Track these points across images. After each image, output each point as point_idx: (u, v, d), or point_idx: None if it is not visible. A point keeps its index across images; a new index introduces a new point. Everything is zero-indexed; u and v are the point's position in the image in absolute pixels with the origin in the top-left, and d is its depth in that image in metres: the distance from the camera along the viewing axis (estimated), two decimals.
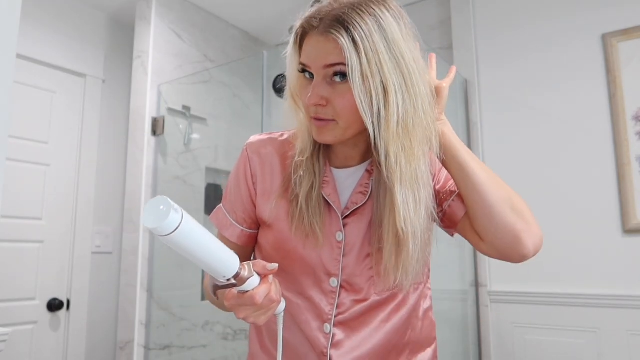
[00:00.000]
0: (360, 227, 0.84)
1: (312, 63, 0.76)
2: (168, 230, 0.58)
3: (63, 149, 2.48)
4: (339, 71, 0.74)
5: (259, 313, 0.69)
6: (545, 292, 2.01)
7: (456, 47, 2.37)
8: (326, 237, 0.83)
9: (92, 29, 2.67)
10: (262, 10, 2.79)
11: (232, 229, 0.92)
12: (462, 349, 2.14)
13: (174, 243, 0.60)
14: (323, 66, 0.75)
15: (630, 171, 1.90)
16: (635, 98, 1.93)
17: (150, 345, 2.30)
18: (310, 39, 0.76)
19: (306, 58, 0.77)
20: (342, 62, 0.73)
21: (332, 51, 0.74)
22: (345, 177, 0.86)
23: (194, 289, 2.50)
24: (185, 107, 2.51)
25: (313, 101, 0.75)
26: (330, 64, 0.74)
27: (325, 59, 0.74)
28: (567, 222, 2.01)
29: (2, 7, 1.12)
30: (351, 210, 0.84)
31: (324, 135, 0.78)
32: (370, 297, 0.84)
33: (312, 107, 0.77)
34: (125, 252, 2.38)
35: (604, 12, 2.04)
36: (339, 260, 0.83)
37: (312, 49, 0.76)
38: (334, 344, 0.83)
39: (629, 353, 1.83)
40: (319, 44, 0.75)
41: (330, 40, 0.74)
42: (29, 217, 2.32)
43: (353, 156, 0.86)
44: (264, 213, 0.89)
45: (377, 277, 0.83)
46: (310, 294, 0.84)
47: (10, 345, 2.14)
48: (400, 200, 0.74)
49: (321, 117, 0.77)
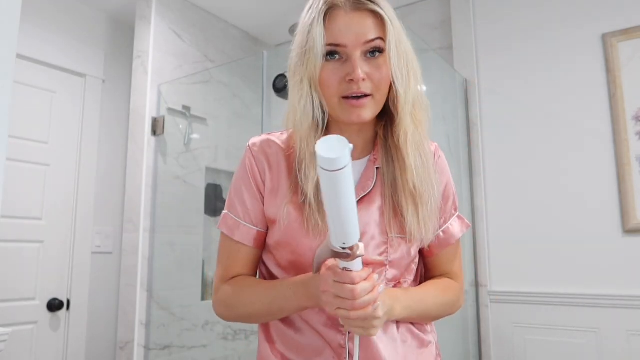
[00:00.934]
0: (370, 214, 0.84)
1: (351, 41, 0.76)
2: (340, 165, 0.56)
3: (63, 149, 2.48)
4: (377, 46, 0.77)
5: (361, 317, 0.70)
6: (545, 292, 2.01)
7: (456, 47, 2.37)
8: None
9: (92, 29, 2.67)
10: (262, 10, 2.79)
11: (246, 230, 0.89)
12: (462, 349, 2.14)
13: (336, 181, 0.58)
14: (364, 42, 0.76)
15: (630, 171, 1.90)
16: (635, 98, 1.93)
17: (150, 345, 2.30)
18: (340, 18, 0.77)
19: (342, 38, 0.76)
20: (380, 37, 0.77)
21: (371, 26, 0.76)
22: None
23: (194, 289, 2.50)
24: (185, 107, 2.51)
25: (362, 76, 0.76)
26: (371, 39, 0.76)
27: (366, 35, 0.76)
28: (567, 222, 2.00)
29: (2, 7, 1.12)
30: (359, 198, 0.84)
31: (364, 112, 0.79)
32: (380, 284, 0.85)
33: (354, 85, 0.77)
34: (125, 252, 2.37)
35: (604, 12, 2.04)
36: None
37: (347, 26, 0.76)
38: (350, 336, 0.81)
39: (629, 353, 1.83)
40: (354, 20, 0.76)
41: (366, 16, 0.76)
42: (29, 217, 2.32)
43: (357, 144, 0.87)
44: (271, 210, 0.87)
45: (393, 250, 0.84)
46: None
47: (10, 345, 2.14)
48: (411, 161, 0.81)
49: (365, 93, 0.78)
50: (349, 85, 0.77)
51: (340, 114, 0.81)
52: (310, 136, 0.81)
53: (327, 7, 0.77)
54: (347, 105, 0.79)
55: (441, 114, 2.26)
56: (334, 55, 0.78)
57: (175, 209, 2.47)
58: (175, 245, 2.44)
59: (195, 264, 2.53)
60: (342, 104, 0.79)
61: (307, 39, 0.78)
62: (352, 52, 0.77)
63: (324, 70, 0.78)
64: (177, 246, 2.45)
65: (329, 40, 0.77)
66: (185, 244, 2.49)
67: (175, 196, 2.46)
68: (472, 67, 2.30)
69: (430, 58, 2.29)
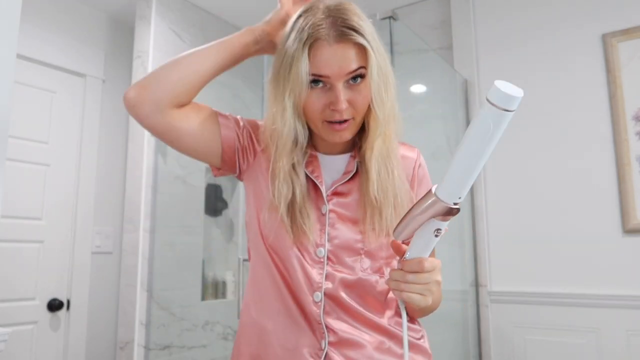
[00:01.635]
0: (347, 203, 0.89)
1: (334, 72, 0.79)
2: (515, 105, 0.55)
3: (63, 149, 2.48)
4: (359, 74, 0.80)
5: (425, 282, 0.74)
6: (545, 292, 2.01)
7: (456, 47, 2.37)
8: (312, 211, 0.88)
9: (92, 29, 2.67)
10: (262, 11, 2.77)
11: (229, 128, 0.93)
12: (462, 349, 2.14)
13: (500, 123, 0.57)
14: (346, 73, 0.79)
15: (630, 171, 1.90)
16: (635, 98, 1.93)
17: (150, 345, 2.30)
18: (325, 49, 0.79)
19: (326, 69, 0.79)
20: (363, 66, 0.80)
21: (353, 57, 0.79)
22: (332, 162, 0.92)
23: (194, 289, 2.50)
24: None
25: (345, 106, 0.80)
26: (354, 70, 0.79)
27: (349, 66, 0.79)
28: (567, 222, 2.01)
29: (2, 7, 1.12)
30: (336, 186, 0.89)
31: (345, 135, 0.85)
32: (356, 273, 0.87)
33: (336, 113, 0.81)
34: (125, 252, 2.37)
35: (604, 12, 2.04)
36: (324, 231, 0.87)
37: (331, 58, 0.79)
38: (326, 311, 0.85)
39: (629, 353, 1.83)
40: (338, 53, 0.79)
41: (350, 47, 0.79)
42: (29, 217, 2.32)
43: (338, 145, 0.92)
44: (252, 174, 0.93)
45: (366, 242, 0.88)
46: (302, 263, 0.87)
47: (10, 345, 2.14)
48: (374, 174, 0.85)
49: (346, 119, 0.82)
50: (332, 112, 0.82)
51: (323, 135, 0.86)
52: (291, 154, 0.86)
53: (312, 40, 0.79)
54: (329, 128, 0.84)
55: (441, 114, 2.27)
56: (318, 82, 0.81)
57: (175, 209, 2.47)
58: (175, 245, 2.44)
59: (195, 264, 2.53)
60: (325, 127, 0.84)
61: (290, 67, 0.80)
62: (335, 83, 0.80)
63: (308, 96, 0.82)
64: (177, 246, 2.45)
65: (313, 71, 0.79)
66: (185, 244, 2.49)
67: (175, 196, 2.46)
68: (472, 67, 2.30)
69: (430, 58, 2.29)
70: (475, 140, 0.60)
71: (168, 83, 0.86)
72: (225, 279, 2.65)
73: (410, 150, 0.97)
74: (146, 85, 0.86)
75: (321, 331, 0.85)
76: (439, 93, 2.30)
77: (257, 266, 0.93)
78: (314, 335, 0.85)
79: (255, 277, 0.93)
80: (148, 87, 0.86)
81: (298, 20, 0.83)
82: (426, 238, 0.70)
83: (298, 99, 0.81)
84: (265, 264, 0.90)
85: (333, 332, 0.84)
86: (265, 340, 0.88)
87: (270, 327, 0.88)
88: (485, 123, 0.58)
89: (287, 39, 0.83)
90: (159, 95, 0.85)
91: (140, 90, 0.86)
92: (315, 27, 0.79)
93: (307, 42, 0.79)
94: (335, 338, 0.84)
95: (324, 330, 0.84)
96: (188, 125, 0.89)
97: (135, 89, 0.86)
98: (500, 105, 0.56)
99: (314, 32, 0.79)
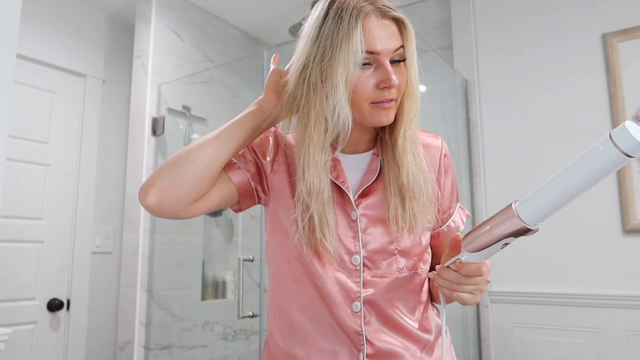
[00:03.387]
0: (374, 203, 0.87)
1: (383, 48, 0.79)
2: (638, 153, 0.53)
3: (63, 149, 2.48)
4: (401, 54, 0.81)
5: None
6: (545, 292, 2.01)
7: (456, 47, 2.37)
8: (342, 218, 0.85)
9: (92, 29, 2.67)
10: (262, 10, 2.79)
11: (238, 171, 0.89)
12: (462, 349, 2.14)
13: (617, 167, 0.54)
14: (393, 50, 0.79)
15: (630, 171, 1.90)
16: (635, 98, 1.93)
17: (150, 345, 2.30)
18: (373, 25, 0.78)
19: (375, 44, 0.78)
20: (402, 45, 0.80)
21: (397, 34, 0.80)
22: (355, 161, 0.90)
23: (194, 289, 2.50)
24: (185, 107, 2.51)
25: (396, 83, 0.80)
26: (398, 47, 0.80)
27: (396, 42, 0.80)
28: (567, 222, 2.01)
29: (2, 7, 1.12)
30: (363, 189, 0.87)
31: (391, 115, 0.83)
32: (392, 274, 0.86)
33: (386, 91, 0.80)
34: (125, 252, 2.38)
35: (604, 12, 2.04)
36: (357, 237, 0.85)
37: (380, 33, 0.78)
38: (365, 322, 0.83)
39: (629, 353, 1.83)
40: (384, 28, 0.78)
41: (392, 23, 0.79)
42: (29, 217, 2.32)
43: (362, 142, 0.90)
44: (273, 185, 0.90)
45: (396, 236, 0.86)
46: (336, 276, 0.84)
47: (10, 345, 2.14)
48: (408, 159, 0.84)
49: (393, 98, 0.81)
50: (382, 91, 0.80)
51: (369, 117, 0.82)
52: (325, 143, 0.82)
53: (363, 15, 0.78)
54: (376, 109, 0.82)
55: (441, 114, 2.27)
56: (365, 63, 0.79)
57: None
58: (175, 245, 2.44)
59: (195, 264, 2.53)
60: (372, 109, 0.82)
61: (339, 47, 0.77)
62: (383, 59, 0.79)
63: (361, 74, 0.79)
64: (177, 246, 2.45)
65: (371, 47, 0.78)
66: (185, 244, 2.49)
67: None
68: (472, 67, 2.30)
69: (430, 58, 2.29)
70: (583, 173, 0.57)
71: (188, 184, 0.80)
72: (225, 279, 2.65)
73: (434, 138, 0.96)
74: (166, 189, 0.80)
75: (360, 343, 0.83)
76: (439, 93, 2.30)
77: (278, 295, 0.90)
78: (351, 350, 0.83)
79: (276, 307, 0.90)
80: (168, 191, 0.80)
81: (332, 6, 0.80)
82: (492, 249, 0.69)
83: (352, 78, 0.78)
84: (288, 290, 0.88)
85: (371, 344, 0.83)
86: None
87: (301, 354, 0.86)
88: (601, 160, 0.55)
89: (319, 26, 0.80)
90: (180, 196, 0.80)
91: (160, 195, 0.80)
92: (360, 5, 0.78)
93: (359, 17, 0.77)
94: (373, 350, 0.83)
95: (363, 342, 0.83)
96: (210, 205, 0.86)
97: (154, 194, 0.80)
98: (625, 149, 0.53)
99: (361, 8, 0.78)
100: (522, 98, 2.17)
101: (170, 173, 0.80)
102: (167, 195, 0.80)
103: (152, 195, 0.80)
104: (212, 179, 0.83)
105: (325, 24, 0.79)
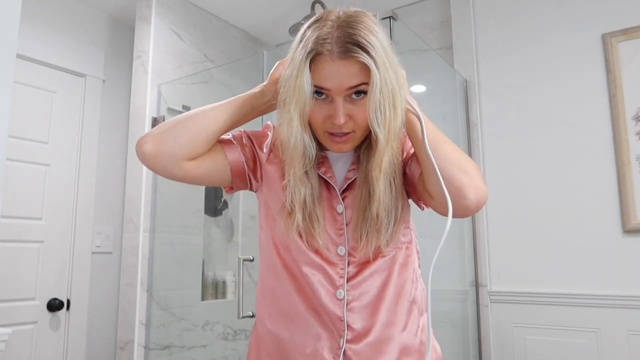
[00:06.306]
0: (356, 199, 0.91)
1: (335, 87, 0.80)
2: None
3: (63, 149, 2.48)
4: (361, 90, 0.80)
5: None
6: (545, 292, 2.01)
7: (456, 47, 2.37)
8: (328, 211, 0.91)
9: (92, 29, 2.67)
10: (262, 10, 2.79)
11: (234, 150, 0.95)
12: (462, 349, 2.14)
13: None
14: (347, 88, 0.80)
15: (630, 171, 1.90)
16: (635, 98, 1.93)
17: (150, 345, 2.30)
18: (327, 64, 0.79)
19: (327, 82, 0.80)
20: (364, 82, 0.79)
21: (355, 73, 0.79)
22: (337, 157, 0.95)
23: (194, 289, 2.50)
24: (185, 107, 2.51)
25: (343, 121, 0.81)
26: (355, 85, 0.80)
27: (350, 82, 0.79)
28: (567, 222, 2.01)
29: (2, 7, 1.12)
30: (347, 184, 0.92)
31: (345, 147, 0.86)
32: (377, 259, 0.90)
33: (336, 126, 0.82)
34: (125, 252, 2.38)
35: (604, 12, 2.04)
36: (343, 229, 0.91)
37: (332, 73, 0.79)
38: (348, 308, 0.88)
39: (629, 353, 1.83)
40: (341, 68, 0.79)
41: (352, 63, 0.78)
42: (29, 217, 2.32)
43: None
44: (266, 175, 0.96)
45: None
46: (322, 264, 0.90)
47: (10, 345, 2.14)
48: (380, 191, 0.85)
49: (346, 132, 0.84)
50: (332, 124, 0.83)
51: (325, 144, 0.89)
52: (302, 160, 0.87)
53: (314, 54, 0.80)
54: (330, 139, 0.86)
55: (441, 114, 2.26)
56: (320, 94, 0.82)
57: (175, 209, 2.47)
58: (175, 245, 2.44)
59: (195, 264, 2.53)
60: (326, 137, 0.86)
61: (295, 79, 0.81)
62: (335, 96, 0.81)
63: (312, 107, 0.83)
64: (177, 246, 2.45)
65: (315, 83, 0.81)
66: (185, 244, 2.49)
67: (175, 196, 2.46)
68: (472, 67, 2.30)
69: (430, 58, 2.29)
70: None
71: (185, 139, 0.87)
72: (225, 279, 2.65)
73: None
74: (163, 140, 0.87)
75: (342, 329, 0.88)
76: (439, 93, 2.30)
77: (269, 278, 0.96)
78: (332, 335, 0.88)
79: (266, 289, 0.96)
80: (165, 142, 0.87)
81: (306, 32, 0.83)
82: None
83: (303, 109, 0.82)
84: (278, 274, 0.93)
85: (352, 329, 0.87)
86: (283, 349, 0.91)
87: (286, 336, 0.91)
88: None
89: (295, 49, 0.84)
90: (176, 150, 0.87)
91: (157, 145, 0.87)
92: (320, 41, 0.79)
93: (310, 55, 0.80)
94: (353, 335, 0.87)
95: (344, 328, 0.87)
96: (203, 170, 0.91)
97: (151, 143, 0.87)
98: None
99: (317, 46, 0.79)
100: (522, 98, 2.17)
101: (171, 129, 0.88)
102: (163, 146, 0.86)
103: (150, 144, 0.87)
104: (208, 142, 0.89)
105: (295, 51, 0.83)
